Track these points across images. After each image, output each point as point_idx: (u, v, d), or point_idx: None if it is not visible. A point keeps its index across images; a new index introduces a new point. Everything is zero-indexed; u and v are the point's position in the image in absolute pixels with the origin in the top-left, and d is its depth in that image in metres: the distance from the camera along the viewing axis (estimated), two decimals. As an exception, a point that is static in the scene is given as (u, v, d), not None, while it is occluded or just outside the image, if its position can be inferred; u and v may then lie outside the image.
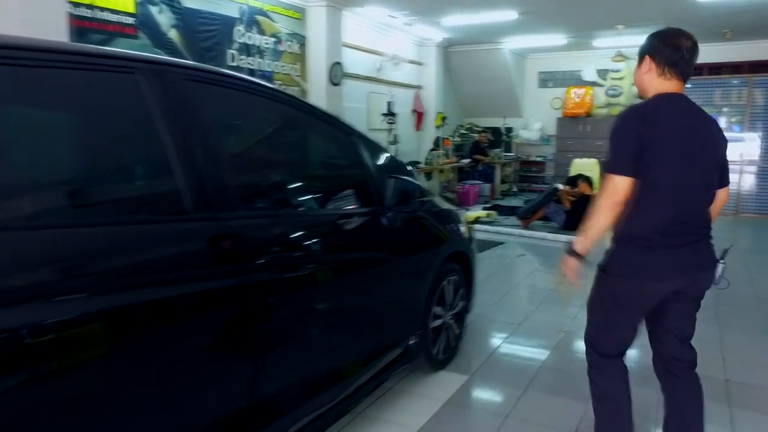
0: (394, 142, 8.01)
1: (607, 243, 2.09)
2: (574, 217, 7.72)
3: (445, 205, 3.35)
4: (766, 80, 9.31)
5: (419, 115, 11.11)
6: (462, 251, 3.33)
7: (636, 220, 1.96)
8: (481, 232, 7.58)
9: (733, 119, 9.86)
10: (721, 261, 2.08)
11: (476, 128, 12.62)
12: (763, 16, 8.38)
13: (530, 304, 4.53)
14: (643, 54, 2.05)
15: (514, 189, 12.19)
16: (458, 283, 3.29)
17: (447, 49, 11.62)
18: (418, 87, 11.12)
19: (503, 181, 11.79)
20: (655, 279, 1.99)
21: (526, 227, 7.96)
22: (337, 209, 2.34)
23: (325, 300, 2.17)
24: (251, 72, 6.94)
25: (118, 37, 5.28)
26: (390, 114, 7.94)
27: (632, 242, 1.98)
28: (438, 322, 3.09)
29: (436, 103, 11.27)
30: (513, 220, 8.20)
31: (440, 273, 3.03)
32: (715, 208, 2.11)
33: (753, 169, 9.61)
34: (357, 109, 9.19)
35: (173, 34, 5.91)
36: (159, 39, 5.72)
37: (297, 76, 7.74)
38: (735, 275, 5.39)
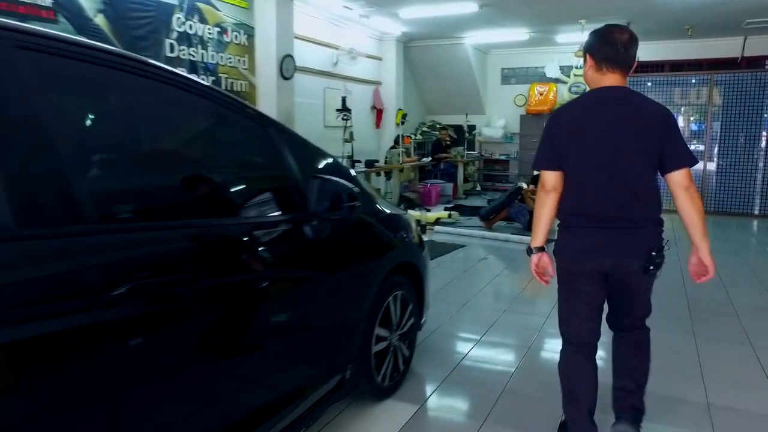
0: (350, 139, 7.57)
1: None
2: (538, 217, 7.41)
3: (391, 209, 2.92)
4: (727, 77, 9.17)
5: (379, 112, 10.70)
6: (411, 261, 2.90)
7: (562, 206, 2.19)
8: (442, 234, 7.21)
9: (692, 117, 9.75)
10: (654, 252, 2.10)
11: (438, 126, 12.28)
12: (723, 11, 8.24)
13: (492, 314, 4.13)
14: (584, 52, 2.18)
15: (478, 188, 11.89)
16: (407, 297, 2.86)
17: (407, 44, 11.24)
18: (378, 83, 10.71)
19: (466, 180, 11.48)
20: (579, 257, 2.17)
21: (489, 228, 7.61)
22: (243, 218, 1.88)
23: (222, 334, 1.70)
24: (192, 64, 6.40)
25: (32, 20, 4.69)
26: (345, 110, 7.49)
27: (562, 225, 2.23)
28: (382, 346, 2.66)
29: (396, 100, 10.88)
30: (476, 220, 7.86)
31: (384, 288, 2.60)
32: (676, 192, 2.10)
33: (713, 166, 9.50)
34: (312, 106, 8.73)
35: (100, 20, 5.34)
36: (82, 24, 5.14)
37: (244, 69, 7.22)
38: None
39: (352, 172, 2.79)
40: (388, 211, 2.80)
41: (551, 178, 2.17)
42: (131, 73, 1.51)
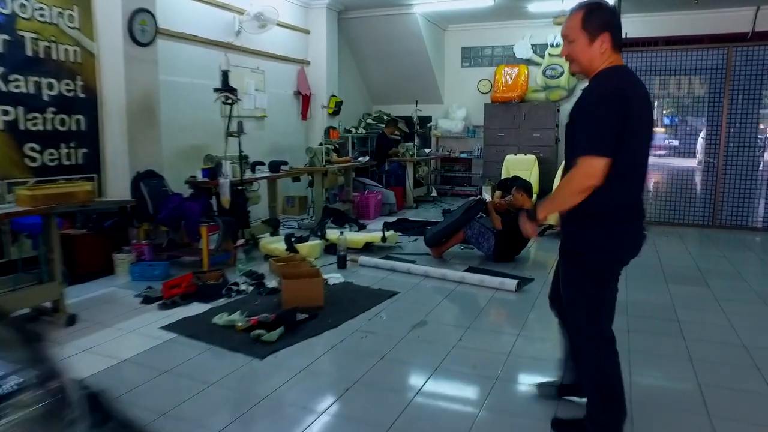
0: (238, 132, 5.25)
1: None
2: (508, 241, 5.24)
3: None
4: (747, 50, 7.11)
5: (305, 99, 8.40)
6: None
7: (610, 197, 1.96)
8: (369, 270, 4.97)
9: (698, 106, 7.71)
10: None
11: (386, 117, 10.05)
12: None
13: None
14: (601, 30, 2.00)
15: (433, 193, 9.68)
16: None
17: (342, 15, 8.96)
18: (304, 62, 8.41)
19: (418, 184, 9.25)
20: (628, 250, 2.10)
21: (439, 256, 5.41)
22: None
23: None
24: (-39, 12, 4.02)
25: None
26: (227, 89, 5.18)
27: (609, 219, 2.01)
28: None
29: (328, 84, 8.59)
30: (422, 244, 5.64)
31: None
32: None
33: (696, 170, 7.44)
34: (202, 87, 6.38)
35: None
36: None
37: (72, 28, 4.85)
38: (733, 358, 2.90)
39: None
40: None
41: (604, 169, 1.91)
42: None
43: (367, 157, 8.32)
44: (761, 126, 7.14)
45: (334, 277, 4.63)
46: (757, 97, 7.05)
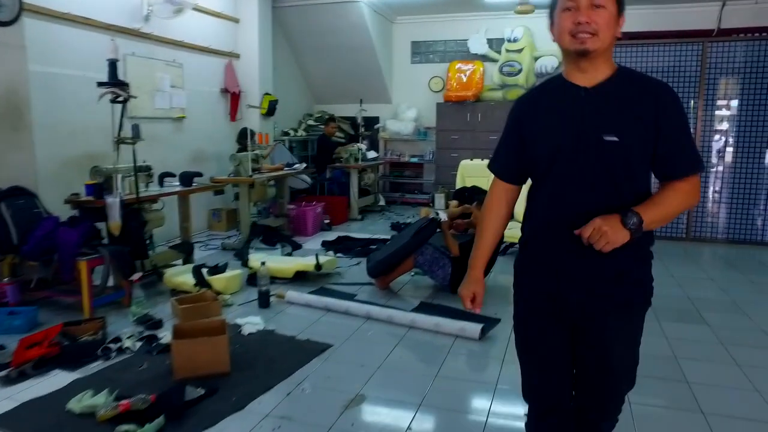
0: (133, 139, 4.17)
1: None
2: (467, 268, 4.34)
3: None
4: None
5: (234, 98, 7.35)
6: None
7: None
8: (298, 309, 4.00)
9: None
10: None
11: (327, 117, 9.08)
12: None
13: None
14: (623, 10, 1.55)
15: (381, 202, 8.76)
16: None
17: (277, 3, 7.95)
18: (233, 55, 7.35)
19: (365, 192, 8.31)
20: None
21: (385, 288, 4.51)
22: None
23: None
24: None
25: None
26: (115, 83, 4.11)
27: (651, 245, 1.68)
28: None
29: (261, 81, 7.56)
30: (364, 271, 4.71)
31: None
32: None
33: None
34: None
35: None
36: None
37: None
38: None
39: None
40: None
41: None
42: None
43: (305, 164, 7.31)
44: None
45: (251, 323, 3.65)
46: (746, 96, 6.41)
